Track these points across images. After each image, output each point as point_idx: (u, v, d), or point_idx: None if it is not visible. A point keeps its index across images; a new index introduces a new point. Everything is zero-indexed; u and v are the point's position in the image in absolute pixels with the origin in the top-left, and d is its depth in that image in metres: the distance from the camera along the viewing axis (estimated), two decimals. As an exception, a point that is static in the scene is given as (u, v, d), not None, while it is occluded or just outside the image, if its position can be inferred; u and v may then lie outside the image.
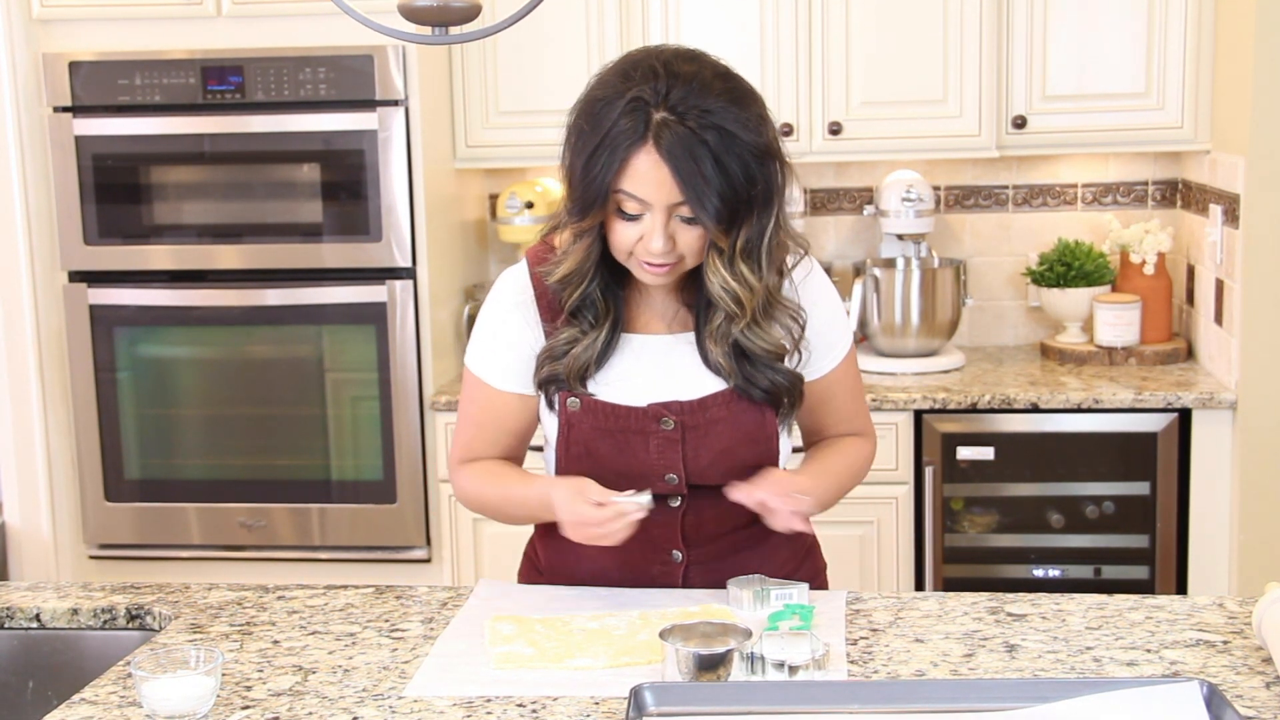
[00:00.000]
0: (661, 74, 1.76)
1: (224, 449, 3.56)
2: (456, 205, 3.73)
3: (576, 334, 1.90)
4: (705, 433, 1.91)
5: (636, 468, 1.91)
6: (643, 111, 1.75)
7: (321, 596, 2.01)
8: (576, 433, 1.92)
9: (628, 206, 1.79)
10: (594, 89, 1.83)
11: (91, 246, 3.48)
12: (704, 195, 1.74)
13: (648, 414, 1.90)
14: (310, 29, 3.38)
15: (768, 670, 1.63)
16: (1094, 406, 3.29)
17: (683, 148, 1.73)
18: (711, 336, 1.89)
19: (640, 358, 1.93)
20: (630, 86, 1.77)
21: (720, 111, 1.75)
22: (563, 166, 1.85)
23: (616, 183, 1.77)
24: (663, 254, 1.80)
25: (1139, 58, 3.48)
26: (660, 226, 1.78)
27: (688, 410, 1.90)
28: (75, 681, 1.92)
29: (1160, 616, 1.85)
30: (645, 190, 1.76)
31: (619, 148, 1.75)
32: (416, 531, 3.49)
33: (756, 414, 1.92)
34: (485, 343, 1.98)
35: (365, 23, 1.68)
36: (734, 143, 1.75)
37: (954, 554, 3.42)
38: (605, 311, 1.90)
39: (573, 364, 1.90)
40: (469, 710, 1.61)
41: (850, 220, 3.92)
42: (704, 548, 1.97)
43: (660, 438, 1.90)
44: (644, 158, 1.75)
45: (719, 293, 1.84)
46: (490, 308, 1.99)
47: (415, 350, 3.44)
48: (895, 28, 3.50)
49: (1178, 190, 3.82)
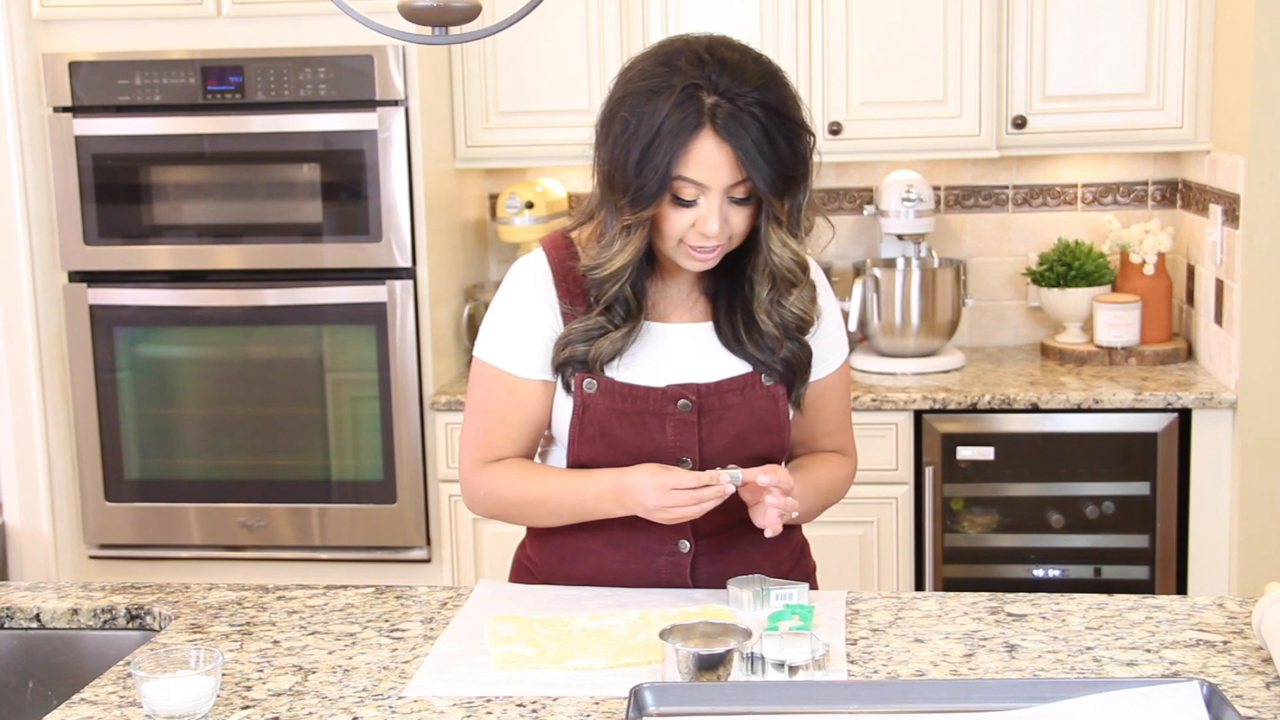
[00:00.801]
0: (708, 60, 1.81)
1: (224, 449, 3.56)
2: (456, 205, 3.73)
3: (605, 324, 1.91)
4: (720, 417, 1.93)
5: (652, 449, 1.92)
6: (695, 98, 1.79)
7: (321, 596, 2.01)
8: (591, 414, 1.92)
9: (685, 193, 1.82)
10: (634, 81, 1.84)
11: (91, 246, 3.48)
12: (762, 171, 1.80)
13: (666, 395, 1.92)
14: (310, 29, 3.38)
15: (768, 670, 1.63)
16: (1094, 406, 3.29)
17: (740, 128, 1.79)
18: (761, 307, 1.93)
19: (660, 345, 1.95)
20: (676, 75, 1.80)
21: (764, 90, 1.81)
22: (603, 163, 1.86)
23: (676, 169, 1.80)
24: (717, 237, 1.84)
25: (1139, 58, 3.48)
26: (717, 209, 1.82)
27: (705, 393, 1.92)
28: (75, 681, 1.92)
29: (1160, 616, 1.85)
30: (706, 174, 1.80)
31: (679, 135, 1.79)
32: (416, 531, 3.49)
33: (770, 402, 1.95)
34: (502, 331, 1.97)
35: (365, 23, 1.68)
36: (781, 120, 1.82)
37: (954, 554, 3.42)
38: (636, 307, 1.92)
39: (598, 354, 1.91)
40: (469, 710, 1.61)
41: (850, 220, 3.92)
42: (712, 538, 1.97)
43: (677, 419, 1.92)
44: (705, 142, 1.79)
45: (786, 264, 1.90)
46: (506, 296, 1.98)
47: (415, 350, 3.44)
48: (895, 28, 3.50)
49: (1178, 190, 3.82)
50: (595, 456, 1.94)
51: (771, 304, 1.93)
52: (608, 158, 1.85)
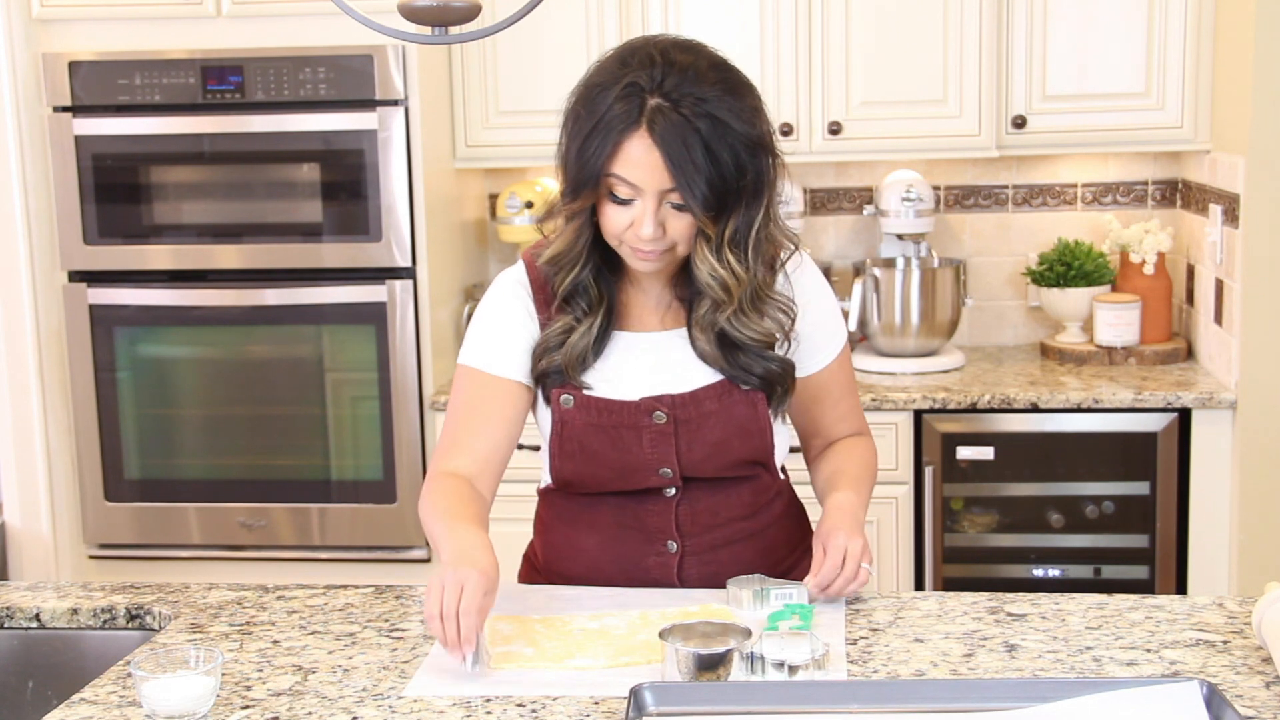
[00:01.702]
0: (658, 61, 1.77)
1: (224, 449, 3.55)
2: (456, 205, 3.73)
3: (571, 322, 1.91)
4: (698, 426, 1.91)
5: (631, 462, 1.92)
6: (637, 97, 1.76)
7: (321, 596, 2.01)
8: (570, 430, 1.92)
9: (619, 191, 1.79)
10: (592, 75, 1.84)
11: (91, 246, 3.48)
12: (693, 182, 1.75)
13: (640, 408, 1.90)
14: (310, 29, 3.38)
15: (768, 670, 1.63)
16: (1094, 406, 3.29)
17: (675, 134, 1.74)
18: (698, 324, 1.90)
19: (633, 353, 1.93)
20: (627, 72, 1.78)
21: (714, 100, 1.76)
22: (558, 151, 1.86)
23: (609, 166, 1.78)
24: (652, 240, 1.80)
25: (1139, 58, 3.48)
26: (650, 213, 1.79)
27: (679, 403, 1.90)
28: (75, 681, 1.92)
29: (1160, 616, 1.85)
30: (636, 175, 1.77)
31: (612, 131, 1.76)
32: (416, 531, 3.49)
33: (748, 407, 1.92)
34: (480, 335, 1.97)
35: (365, 23, 1.68)
36: (726, 132, 1.76)
37: (954, 554, 3.42)
38: (599, 298, 1.90)
39: (570, 353, 1.90)
40: (468, 710, 1.61)
41: (850, 220, 3.92)
42: (699, 538, 1.97)
43: (653, 431, 1.91)
44: (636, 143, 1.76)
45: (706, 280, 1.84)
46: (486, 304, 1.99)
47: (415, 350, 3.44)
48: (895, 27, 3.50)
49: (1178, 190, 3.82)
50: (577, 471, 1.94)
51: (707, 323, 1.88)
52: (559, 146, 1.85)
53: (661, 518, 1.96)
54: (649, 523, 1.96)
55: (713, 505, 1.96)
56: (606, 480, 1.94)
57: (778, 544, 2.03)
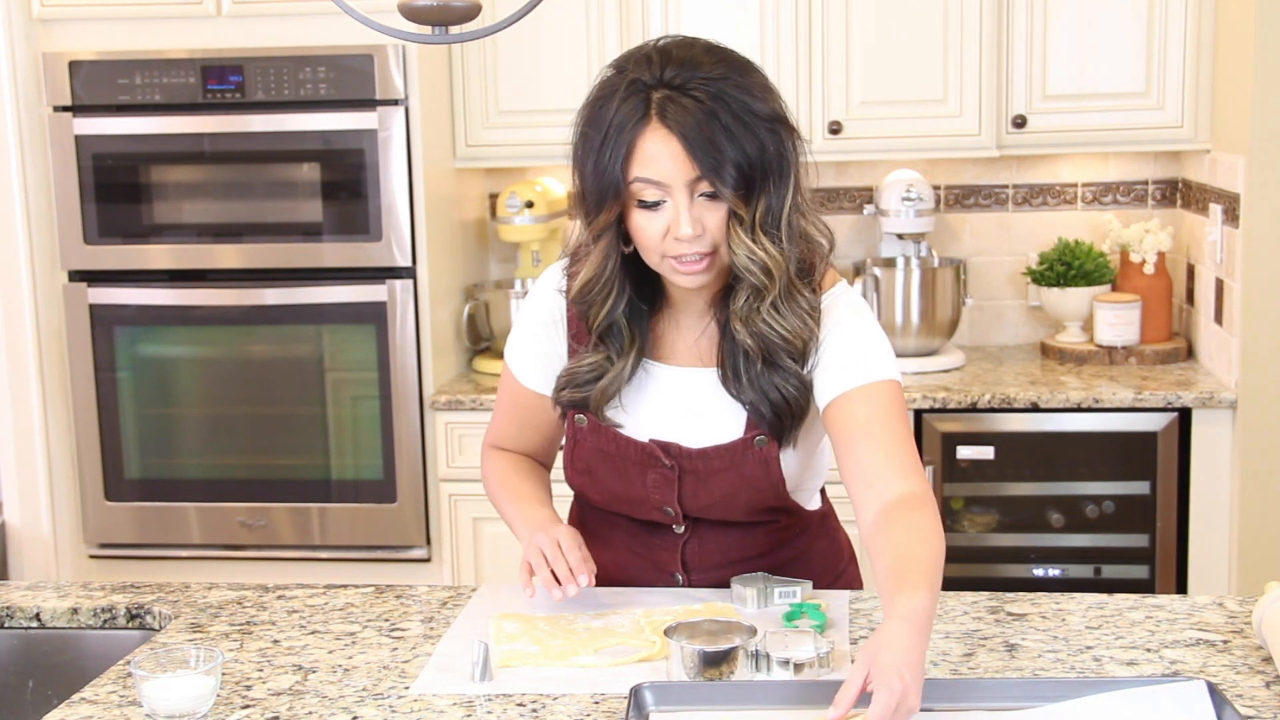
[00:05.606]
0: (655, 58, 1.72)
1: (224, 449, 3.55)
2: (456, 205, 3.73)
3: (603, 362, 1.85)
4: (705, 479, 1.87)
5: (633, 495, 1.91)
6: (642, 93, 1.70)
7: (321, 596, 2.01)
8: (581, 448, 1.91)
9: (646, 195, 1.71)
10: (592, 93, 1.77)
11: (91, 246, 3.48)
12: (718, 163, 1.67)
13: (645, 449, 1.87)
14: (310, 29, 3.38)
15: (773, 668, 1.63)
16: (1094, 406, 3.29)
17: (689, 118, 1.67)
18: (737, 315, 1.78)
19: (656, 387, 1.88)
20: (626, 76, 1.73)
21: (720, 79, 1.70)
22: (573, 179, 1.79)
23: (629, 171, 1.70)
24: (693, 239, 1.70)
25: (1139, 57, 3.48)
26: (685, 208, 1.70)
27: (685, 456, 1.86)
28: (75, 681, 1.92)
29: (1160, 616, 1.85)
30: (659, 170, 1.69)
31: (624, 133, 1.69)
32: (416, 531, 3.49)
33: (760, 465, 1.85)
34: (519, 340, 1.97)
35: (365, 22, 1.68)
36: (739, 108, 1.69)
37: (954, 553, 3.39)
38: (631, 340, 1.84)
39: (600, 397, 1.86)
40: (469, 710, 1.61)
41: (850, 220, 3.92)
42: (708, 573, 1.95)
43: (658, 473, 1.88)
44: (651, 137, 1.69)
45: (745, 263, 1.73)
46: (529, 306, 1.96)
47: (415, 350, 3.44)
48: (895, 27, 3.50)
49: (1178, 190, 3.82)
50: (584, 487, 1.95)
51: (749, 316, 1.77)
52: (575, 174, 1.78)
53: (669, 553, 1.94)
54: (657, 556, 1.95)
55: (724, 545, 1.92)
56: (612, 502, 1.94)
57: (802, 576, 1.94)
